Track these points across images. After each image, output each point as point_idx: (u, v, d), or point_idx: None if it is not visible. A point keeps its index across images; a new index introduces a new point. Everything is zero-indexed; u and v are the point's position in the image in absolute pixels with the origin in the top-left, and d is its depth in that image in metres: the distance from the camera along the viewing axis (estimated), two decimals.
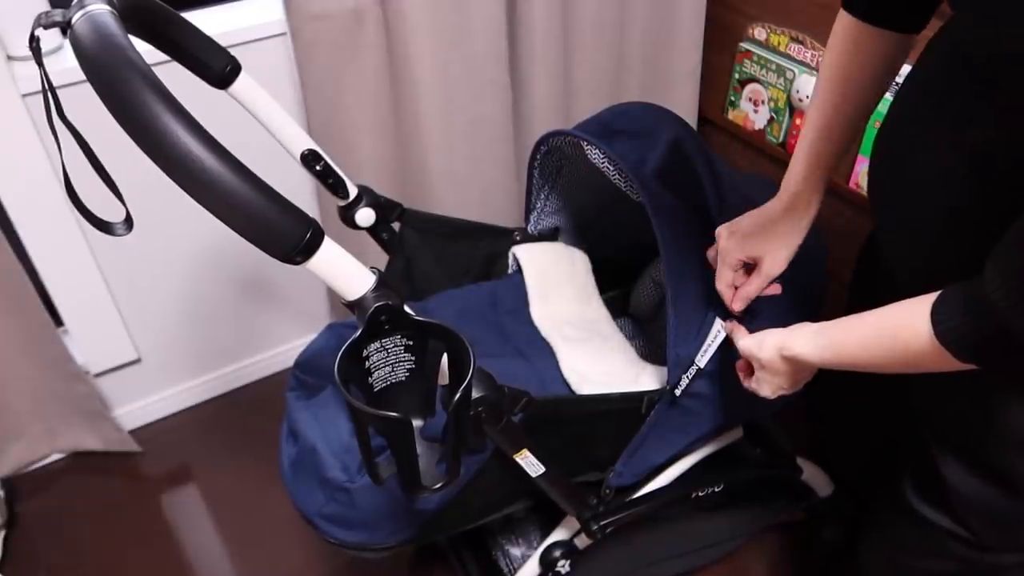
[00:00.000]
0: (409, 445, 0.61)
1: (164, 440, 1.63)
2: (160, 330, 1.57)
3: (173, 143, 0.49)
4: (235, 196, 0.51)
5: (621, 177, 0.94)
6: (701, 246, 0.91)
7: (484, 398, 0.71)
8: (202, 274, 1.54)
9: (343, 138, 1.39)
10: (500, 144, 1.55)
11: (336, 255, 0.59)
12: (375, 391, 0.65)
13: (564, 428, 0.89)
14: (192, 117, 0.51)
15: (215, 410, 1.69)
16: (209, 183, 0.50)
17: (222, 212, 0.52)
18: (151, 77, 0.50)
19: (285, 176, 1.04)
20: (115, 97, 0.50)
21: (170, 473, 1.56)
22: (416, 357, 0.65)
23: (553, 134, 1.05)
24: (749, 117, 1.63)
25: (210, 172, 0.50)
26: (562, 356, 1.05)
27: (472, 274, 1.20)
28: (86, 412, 1.52)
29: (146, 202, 1.39)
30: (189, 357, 1.64)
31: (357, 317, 0.61)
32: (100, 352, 1.52)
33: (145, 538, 1.44)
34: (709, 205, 0.91)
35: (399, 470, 0.62)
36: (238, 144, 0.92)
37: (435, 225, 1.14)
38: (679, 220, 0.90)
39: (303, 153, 0.97)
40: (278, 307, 1.69)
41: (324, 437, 0.88)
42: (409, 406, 0.66)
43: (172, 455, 1.60)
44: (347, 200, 1.04)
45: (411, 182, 1.52)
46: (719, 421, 0.98)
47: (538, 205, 1.20)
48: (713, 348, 0.89)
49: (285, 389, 0.98)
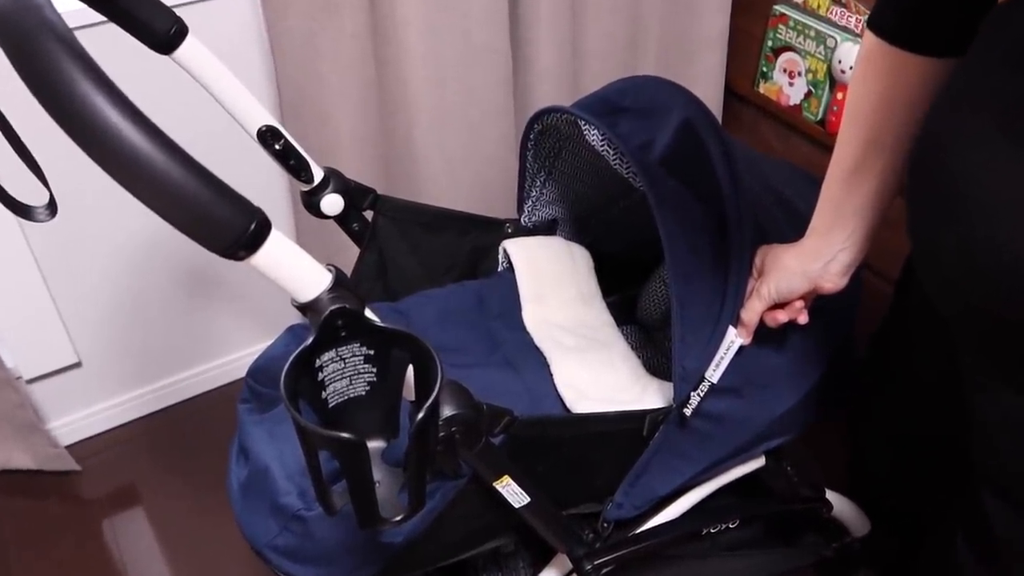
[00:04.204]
0: (363, 471, 0.61)
1: (106, 457, 1.64)
2: (103, 330, 1.58)
3: (89, 114, 0.49)
4: (163, 179, 0.51)
5: (622, 162, 0.94)
6: (713, 243, 0.91)
7: (457, 416, 0.72)
8: (151, 268, 1.55)
9: (317, 111, 1.40)
10: (498, 119, 1.55)
11: (286, 250, 0.59)
12: (329, 407, 0.65)
13: (554, 452, 0.89)
14: (114, 86, 0.50)
15: (165, 423, 1.70)
16: (132, 163, 0.50)
17: (148, 197, 0.52)
18: (67, 39, 0.50)
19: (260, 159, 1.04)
20: (25, 61, 0.50)
21: (112, 495, 1.57)
22: (377, 369, 0.65)
23: (548, 111, 1.05)
24: (783, 91, 1.63)
25: (133, 150, 0.50)
26: (557, 368, 1.05)
27: (456, 271, 1.21)
28: (16, 424, 1.53)
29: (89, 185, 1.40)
30: (136, 362, 1.65)
31: (310, 322, 0.61)
32: (34, 354, 1.53)
33: (83, 568, 1.45)
34: (723, 196, 0.91)
35: (352, 499, 0.63)
36: (209, 124, 0.93)
37: (413, 214, 1.14)
38: (687, 213, 0.90)
39: (260, 130, 0.98)
40: (237, 307, 1.69)
41: (279, 457, 0.88)
42: (368, 425, 0.66)
43: (115, 474, 1.61)
44: (311, 185, 1.05)
45: (395, 162, 1.52)
46: (735, 445, 0.98)
47: (533, 193, 1.20)
48: (727, 360, 0.89)
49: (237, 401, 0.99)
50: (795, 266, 0.86)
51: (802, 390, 0.97)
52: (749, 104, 1.75)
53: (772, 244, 0.90)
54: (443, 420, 0.71)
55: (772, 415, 0.97)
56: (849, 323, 1.03)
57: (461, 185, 1.57)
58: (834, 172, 0.83)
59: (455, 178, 1.56)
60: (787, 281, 0.87)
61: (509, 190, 1.61)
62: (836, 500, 1.20)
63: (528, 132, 1.11)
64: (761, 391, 0.95)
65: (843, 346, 1.02)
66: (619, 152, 0.95)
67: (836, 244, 0.84)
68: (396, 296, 1.17)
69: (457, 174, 1.56)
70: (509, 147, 1.59)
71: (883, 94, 0.76)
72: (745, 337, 0.89)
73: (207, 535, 1.48)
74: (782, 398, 0.97)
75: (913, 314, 0.94)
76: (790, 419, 0.99)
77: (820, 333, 0.96)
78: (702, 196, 0.94)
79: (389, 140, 1.49)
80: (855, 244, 0.84)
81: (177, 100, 1.29)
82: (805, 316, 0.89)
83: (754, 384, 0.94)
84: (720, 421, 0.94)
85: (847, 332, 1.03)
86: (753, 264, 0.91)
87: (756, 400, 0.94)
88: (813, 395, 0.99)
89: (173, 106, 1.31)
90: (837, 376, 1.01)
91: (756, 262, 0.90)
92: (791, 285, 0.87)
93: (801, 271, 0.86)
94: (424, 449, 0.64)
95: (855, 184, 0.81)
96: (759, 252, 0.90)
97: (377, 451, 0.67)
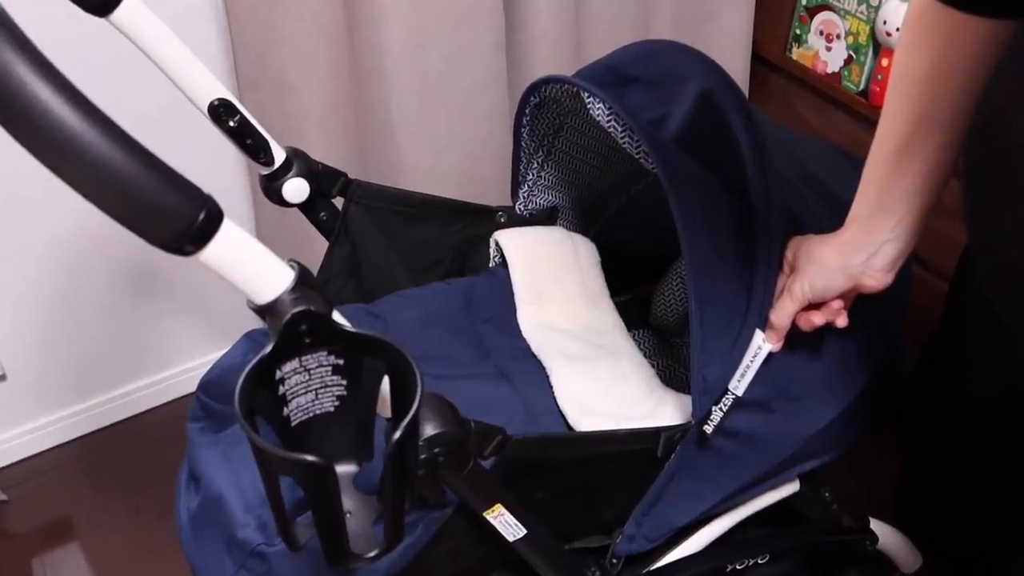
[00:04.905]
0: (332, 499, 0.61)
1: (36, 485, 1.63)
2: (31, 339, 1.58)
3: (10, 86, 0.48)
4: (97, 161, 0.51)
5: (632, 140, 0.95)
6: (738, 234, 0.91)
7: (441, 436, 0.72)
8: (86, 266, 1.55)
9: (278, 81, 1.40)
10: (489, 90, 1.55)
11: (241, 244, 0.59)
12: (292, 426, 0.65)
13: (554, 476, 0.89)
14: (39, 53, 0.50)
15: (103, 445, 1.69)
16: (61, 142, 0.50)
17: (80, 182, 0.52)
18: None
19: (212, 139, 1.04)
20: None
21: (43, 528, 1.57)
22: (348, 381, 0.65)
23: (546, 81, 1.05)
24: (820, 56, 1.63)
25: (62, 127, 0.50)
26: (558, 379, 1.06)
27: (440, 267, 1.21)
28: None
29: (13, 170, 1.39)
30: (69, 375, 1.65)
31: (269, 327, 0.61)
32: None
33: None
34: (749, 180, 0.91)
35: (319, 532, 0.63)
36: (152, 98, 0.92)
37: (390, 201, 1.14)
38: (708, 199, 0.90)
39: (212, 103, 0.98)
40: (186, 311, 1.69)
41: (235, 484, 0.89)
42: (337, 446, 0.67)
43: (46, 505, 1.60)
44: (271, 167, 1.05)
45: (369, 141, 1.52)
46: (765, 468, 0.98)
47: (529, 177, 1.20)
48: (754, 370, 0.89)
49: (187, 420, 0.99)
50: (833, 260, 0.86)
51: (842, 404, 0.98)
52: (780, 72, 1.75)
53: (806, 235, 0.90)
54: (424, 440, 0.71)
55: (807, 433, 0.97)
56: (896, 327, 1.03)
57: (446, 167, 1.57)
58: (879, 151, 0.83)
59: (439, 159, 1.56)
60: (824, 278, 0.87)
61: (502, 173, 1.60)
62: (883, 531, 1.20)
63: (524, 106, 1.11)
64: (794, 405, 0.95)
65: (889, 354, 1.02)
66: (628, 129, 0.96)
67: (881, 234, 0.84)
68: (371, 297, 1.17)
69: (442, 154, 1.56)
70: (502, 123, 1.59)
71: (936, 61, 0.77)
72: (775, 343, 0.90)
73: (152, 574, 1.48)
74: (819, 413, 0.97)
75: (971, 316, 0.95)
76: (828, 437, 0.99)
77: (862, 338, 0.96)
78: (725, 179, 0.94)
79: (363, 115, 1.49)
80: (903, 234, 0.84)
81: (114, 71, 1.29)
82: (845, 318, 0.89)
83: (786, 397, 0.94)
84: (746, 440, 0.94)
85: (894, 337, 1.03)
86: (784, 258, 0.91)
87: (788, 416, 0.95)
88: (855, 410, 0.99)
89: (110, 78, 1.31)
90: (882, 388, 1.02)
91: (787, 256, 0.91)
92: (828, 282, 0.87)
93: (840, 266, 0.86)
94: (402, 474, 0.64)
95: (903, 164, 0.81)
96: (791, 244, 0.91)
97: (348, 477, 0.67)
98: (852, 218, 0.86)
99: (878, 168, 0.83)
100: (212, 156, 1.48)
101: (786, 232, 0.91)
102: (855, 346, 0.97)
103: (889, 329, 1.02)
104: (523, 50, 1.57)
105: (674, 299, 1.24)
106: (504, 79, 1.56)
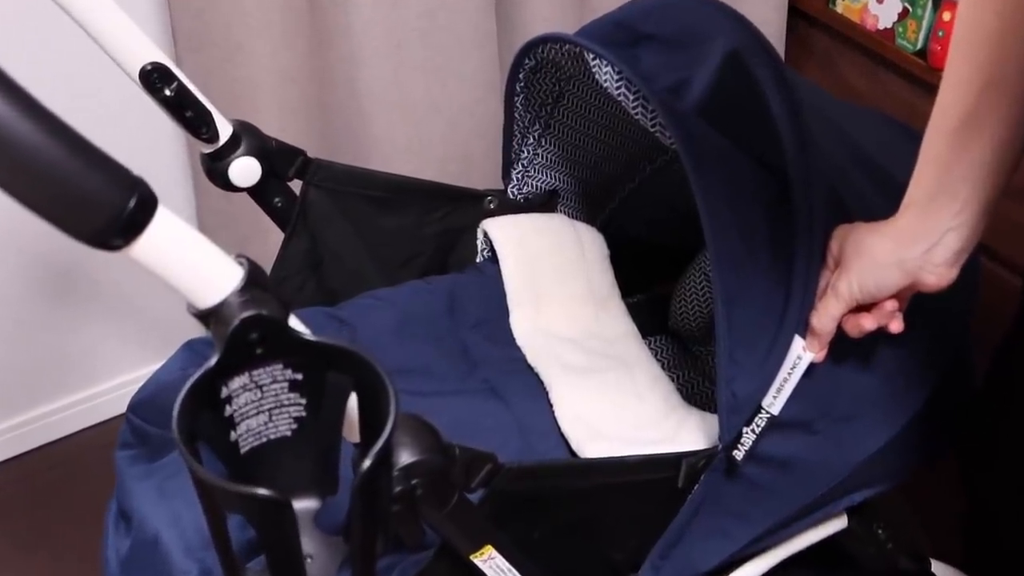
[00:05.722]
0: (289, 541, 0.61)
1: None
2: None
3: None
4: (9, 140, 0.51)
5: (646, 110, 0.95)
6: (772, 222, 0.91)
7: (420, 464, 0.72)
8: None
9: (224, 42, 1.40)
10: (476, 51, 1.55)
11: (178, 236, 0.59)
12: (241, 453, 0.65)
13: (555, 512, 0.89)
14: None
15: (18, 476, 1.69)
16: None
17: None
18: None
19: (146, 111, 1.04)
20: None
21: None
22: (308, 400, 0.65)
23: (544, 40, 1.05)
24: (868, 9, 1.63)
25: None
26: (559, 396, 1.06)
27: (418, 264, 1.21)
28: None
29: None
30: None
31: (213, 336, 0.61)
32: None
33: None
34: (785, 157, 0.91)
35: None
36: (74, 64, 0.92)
37: (358, 184, 1.15)
38: (736, 180, 0.91)
39: (144, 69, 0.98)
40: (117, 317, 1.69)
41: (173, 523, 0.89)
42: (295, 478, 0.67)
43: None
44: (216, 144, 1.05)
45: (333, 112, 1.52)
46: (806, 501, 0.98)
47: (524, 154, 1.20)
48: (792, 383, 0.89)
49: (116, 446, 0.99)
50: (886, 253, 0.87)
51: (897, 425, 0.98)
52: (822, 29, 1.75)
53: (854, 223, 0.91)
54: (400, 470, 0.71)
55: (856, 459, 0.97)
56: (962, 332, 1.03)
57: (425, 143, 1.57)
58: (939, 123, 0.83)
59: (417, 133, 1.56)
60: (875, 274, 0.87)
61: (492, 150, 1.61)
62: (944, 572, 1.20)
63: (517, 69, 1.11)
64: (840, 426, 0.95)
65: (954, 363, 1.02)
66: (641, 96, 0.96)
67: (942, 221, 0.85)
68: (335, 298, 1.17)
69: (420, 128, 1.56)
70: (492, 90, 1.59)
71: (1007, 16, 0.77)
72: (817, 351, 0.90)
73: None
74: (870, 435, 0.97)
75: None
76: (881, 464, 1.00)
77: (922, 346, 0.97)
78: (757, 156, 0.95)
79: (324, 82, 1.49)
80: (968, 222, 0.84)
81: (24, 28, 1.29)
82: (900, 323, 0.89)
83: (831, 417, 0.94)
84: (784, 468, 0.94)
85: (959, 343, 1.04)
86: (828, 250, 0.91)
87: (834, 438, 0.95)
88: (913, 431, 0.99)
89: (24, 42, 1.31)
90: (946, 404, 1.02)
91: (832, 248, 0.91)
92: (880, 279, 0.87)
93: (894, 260, 0.86)
94: (373, 510, 0.64)
95: (968, 139, 0.81)
96: (836, 234, 0.91)
97: (308, 514, 0.68)
98: (908, 202, 0.86)
99: (939, 144, 0.83)
100: (145, 132, 1.48)
101: (830, 219, 0.91)
102: (913, 355, 0.97)
103: (953, 334, 1.02)
104: (516, 4, 1.58)
105: (697, 300, 1.24)
106: (494, 38, 1.57)
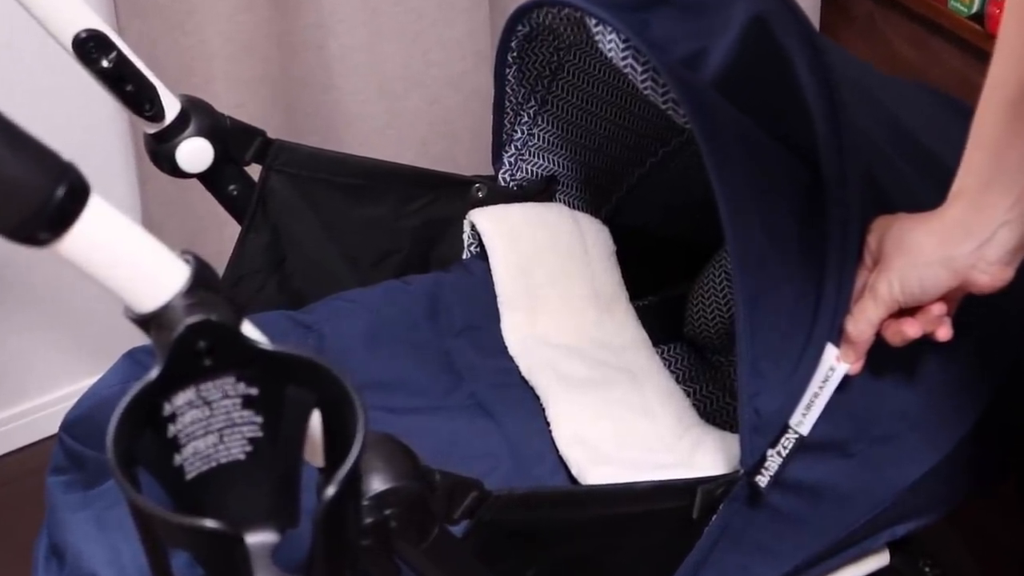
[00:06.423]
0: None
1: None
2: None
3: None
4: None
5: (656, 85, 0.95)
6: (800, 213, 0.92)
7: (394, 492, 0.72)
8: None
9: (173, 4, 1.39)
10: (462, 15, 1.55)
11: (114, 229, 0.59)
12: (187, 480, 0.66)
13: (552, 547, 0.90)
14: None
15: None
16: None
17: None
18: None
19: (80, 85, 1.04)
20: None
21: None
22: (264, 418, 0.65)
23: (539, 4, 1.05)
24: None
25: None
26: (557, 413, 1.06)
27: (395, 261, 1.21)
28: None
29: None
30: None
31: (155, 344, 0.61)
32: None
33: None
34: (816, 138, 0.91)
35: None
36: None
37: (326, 169, 1.15)
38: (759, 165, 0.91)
39: (78, 36, 0.98)
40: (44, 323, 1.69)
41: (113, 560, 0.89)
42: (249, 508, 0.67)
43: None
44: (161, 124, 1.05)
45: (297, 88, 1.53)
46: (841, 533, 0.99)
47: (518, 134, 1.21)
48: (824, 398, 0.89)
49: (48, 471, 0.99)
50: (932, 249, 0.87)
51: (946, 446, 0.98)
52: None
53: (895, 213, 0.91)
54: (370, 499, 0.71)
55: (899, 486, 0.98)
56: (1019, 339, 1.04)
57: (404, 122, 1.58)
58: (992, 101, 0.83)
59: (394, 112, 1.56)
60: (919, 273, 0.88)
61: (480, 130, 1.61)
62: None
63: (509, 37, 1.12)
64: (880, 448, 0.96)
65: (1010, 376, 1.03)
66: (652, 69, 0.96)
67: (996, 214, 0.85)
68: (300, 301, 1.17)
69: (397, 105, 1.56)
70: (481, 61, 1.60)
71: None
72: (853, 362, 0.90)
73: None
74: (914, 459, 0.98)
75: None
76: (927, 492, 1.00)
77: (973, 357, 0.97)
78: (784, 137, 0.95)
79: (288, 51, 1.50)
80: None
81: None
82: (948, 329, 0.90)
83: (869, 437, 0.95)
84: (815, 496, 0.95)
85: (1016, 353, 1.04)
86: (865, 245, 0.92)
87: (872, 462, 0.95)
88: (963, 454, 1.00)
89: None
90: (1001, 424, 1.03)
91: (870, 243, 0.91)
92: (926, 279, 0.88)
93: (941, 257, 0.87)
94: (339, 545, 0.64)
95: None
96: (874, 227, 0.91)
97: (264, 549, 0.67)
98: (957, 191, 0.87)
99: (991, 124, 0.84)
100: (79, 109, 1.48)
101: (867, 210, 0.92)
102: (963, 367, 0.98)
103: (1009, 342, 1.03)
104: None
105: (716, 303, 1.24)
106: (484, 1, 1.57)
